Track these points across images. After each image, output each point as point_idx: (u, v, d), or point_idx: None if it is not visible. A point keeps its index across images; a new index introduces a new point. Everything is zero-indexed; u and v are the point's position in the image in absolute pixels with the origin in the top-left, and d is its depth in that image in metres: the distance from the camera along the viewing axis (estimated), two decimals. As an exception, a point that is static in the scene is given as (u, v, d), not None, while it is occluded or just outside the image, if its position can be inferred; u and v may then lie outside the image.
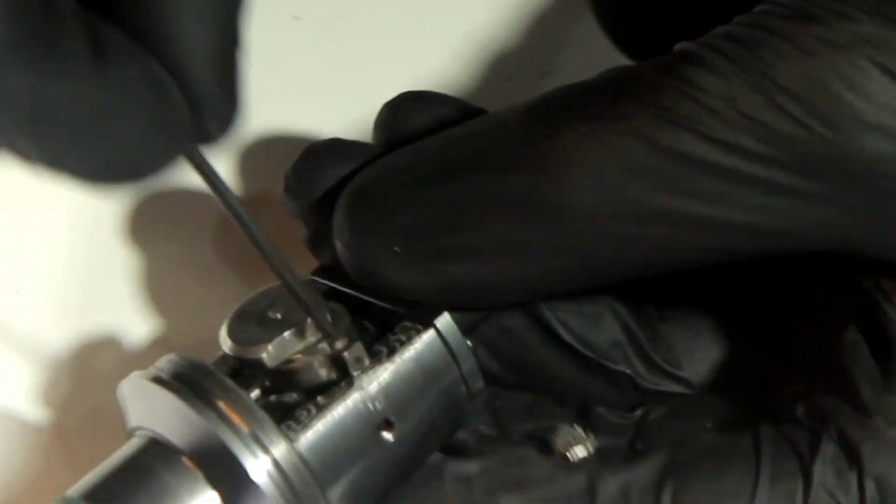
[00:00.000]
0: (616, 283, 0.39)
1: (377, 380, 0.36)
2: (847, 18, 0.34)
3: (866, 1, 0.34)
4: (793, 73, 0.34)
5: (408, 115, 0.41)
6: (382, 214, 0.37)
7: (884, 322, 0.38)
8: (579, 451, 0.38)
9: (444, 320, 0.38)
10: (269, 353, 0.36)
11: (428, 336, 0.37)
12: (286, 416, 0.36)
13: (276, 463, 0.35)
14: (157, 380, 0.35)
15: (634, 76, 0.35)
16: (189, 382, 0.35)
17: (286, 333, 0.36)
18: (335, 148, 0.40)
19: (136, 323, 0.51)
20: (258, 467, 0.34)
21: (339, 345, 0.36)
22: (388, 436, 0.36)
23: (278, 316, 0.37)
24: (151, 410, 0.36)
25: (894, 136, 0.34)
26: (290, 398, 0.37)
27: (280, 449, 0.35)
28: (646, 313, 0.42)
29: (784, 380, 0.40)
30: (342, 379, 0.36)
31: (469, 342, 0.38)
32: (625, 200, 0.35)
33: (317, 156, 0.40)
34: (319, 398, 0.36)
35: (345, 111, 0.55)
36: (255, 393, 0.37)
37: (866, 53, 0.33)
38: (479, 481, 0.37)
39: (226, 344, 0.36)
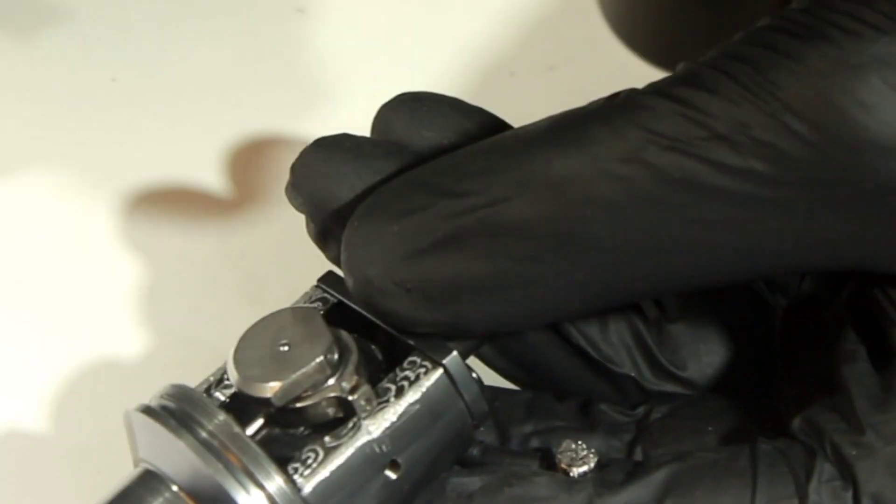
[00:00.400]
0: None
1: (385, 423, 0.36)
2: (859, 37, 0.33)
3: (878, 18, 0.33)
4: (804, 95, 0.33)
5: (405, 116, 0.40)
6: (393, 254, 0.36)
7: (890, 333, 0.37)
8: (581, 469, 0.37)
9: (453, 358, 0.37)
10: (276, 396, 0.35)
11: (436, 375, 0.37)
12: (291, 455, 0.35)
13: (270, 498, 0.34)
14: (152, 413, 0.35)
15: (639, 104, 0.35)
16: (183, 416, 0.35)
17: (294, 375, 0.36)
18: (344, 143, 0.40)
19: (136, 331, 0.51)
20: (251, 503, 0.34)
21: (346, 385, 0.36)
22: (392, 475, 0.36)
23: (286, 348, 0.36)
24: (150, 443, 0.36)
25: None
26: (295, 432, 0.36)
27: (275, 484, 0.34)
28: (653, 314, 0.42)
29: (786, 383, 0.39)
30: (349, 418, 0.36)
31: (474, 374, 0.37)
32: (639, 232, 0.35)
33: (325, 150, 0.39)
34: (326, 438, 0.36)
35: (348, 104, 0.55)
36: (259, 423, 0.36)
37: (879, 73, 0.32)
38: (480, 498, 0.36)
39: (233, 377, 0.36)
